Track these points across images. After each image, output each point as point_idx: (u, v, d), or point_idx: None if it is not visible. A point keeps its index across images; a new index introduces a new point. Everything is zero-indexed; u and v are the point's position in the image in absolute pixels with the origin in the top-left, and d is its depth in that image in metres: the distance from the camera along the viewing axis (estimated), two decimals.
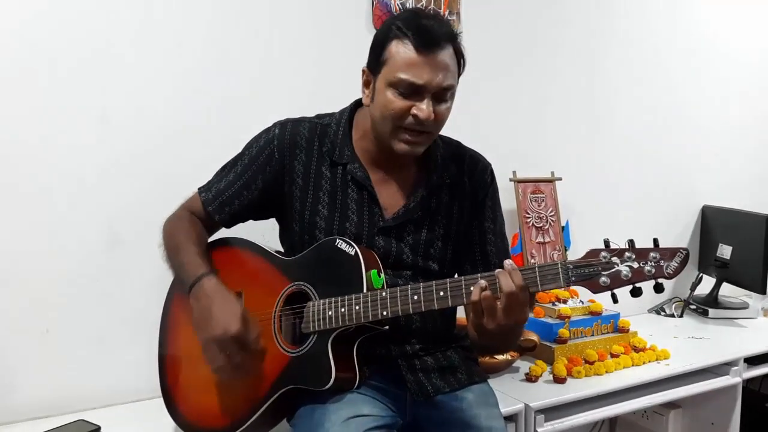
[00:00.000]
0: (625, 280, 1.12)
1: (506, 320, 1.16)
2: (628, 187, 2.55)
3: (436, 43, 1.24)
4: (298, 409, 1.32)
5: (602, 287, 1.13)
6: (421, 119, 1.26)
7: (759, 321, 2.44)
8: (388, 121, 1.28)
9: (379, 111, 1.29)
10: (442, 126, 1.34)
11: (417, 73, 1.24)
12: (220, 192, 1.42)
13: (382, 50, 1.27)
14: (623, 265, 1.13)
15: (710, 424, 2.13)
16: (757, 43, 2.86)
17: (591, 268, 1.13)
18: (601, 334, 2.01)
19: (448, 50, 1.27)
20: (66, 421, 1.53)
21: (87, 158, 1.63)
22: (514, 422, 1.63)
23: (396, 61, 1.25)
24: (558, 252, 2.20)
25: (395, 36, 1.26)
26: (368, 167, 1.38)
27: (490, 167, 1.49)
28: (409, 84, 1.24)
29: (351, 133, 1.40)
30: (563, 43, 2.37)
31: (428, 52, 1.24)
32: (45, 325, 1.61)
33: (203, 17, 1.75)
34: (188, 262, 1.34)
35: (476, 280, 1.18)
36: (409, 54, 1.24)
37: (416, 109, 1.26)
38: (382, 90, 1.28)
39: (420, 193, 1.39)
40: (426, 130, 1.30)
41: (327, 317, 1.26)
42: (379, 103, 1.29)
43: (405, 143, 1.30)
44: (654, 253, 1.12)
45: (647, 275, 1.12)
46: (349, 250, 1.28)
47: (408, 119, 1.27)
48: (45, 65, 1.58)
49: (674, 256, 1.12)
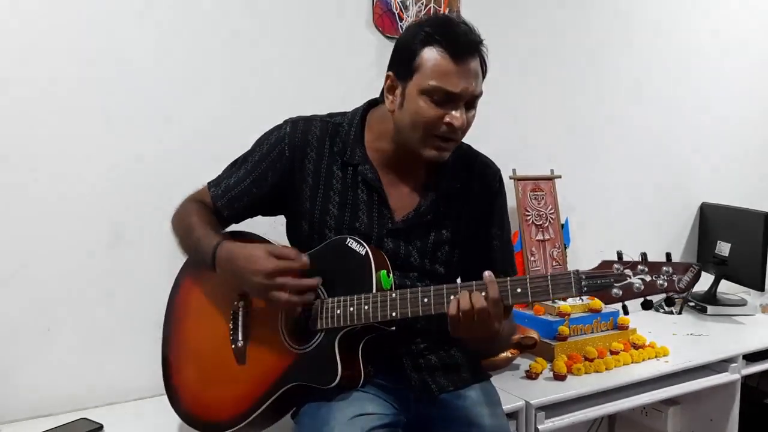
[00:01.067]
0: (637, 293, 1.13)
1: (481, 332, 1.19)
2: (627, 185, 2.56)
3: (470, 51, 1.25)
4: (303, 407, 1.32)
5: (614, 299, 1.14)
6: (456, 127, 1.26)
7: (757, 318, 2.44)
8: (419, 128, 1.28)
9: (410, 118, 1.28)
10: (467, 132, 1.34)
11: (453, 82, 1.24)
12: (229, 188, 1.42)
13: (413, 57, 1.26)
14: (636, 278, 1.13)
15: (709, 420, 2.14)
16: (756, 39, 2.86)
17: (603, 280, 1.14)
18: (600, 332, 2.02)
19: (477, 59, 1.28)
20: (68, 420, 1.53)
21: (88, 157, 1.63)
22: (515, 419, 1.64)
23: (429, 69, 1.24)
24: (558, 250, 2.21)
25: (427, 43, 1.25)
26: (379, 169, 1.38)
27: (499, 173, 1.49)
28: (445, 92, 1.24)
29: (363, 134, 1.40)
30: (563, 41, 2.37)
31: (462, 60, 1.24)
32: (46, 324, 1.61)
33: (206, 16, 1.75)
34: (203, 236, 1.34)
35: (483, 286, 1.19)
36: (443, 62, 1.24)
37: (450, 117, 1.26)
38: (414, 97, 1.27)
39: (430, 197, 1.39)
40: (456, 138, 1.31)
41: (335, 316, 1.27)
42: (410, 111, 1.28)
43: (435, 150, 1.30)
44: (667, 267, 1.12)
45: (659, 289, 1.13)
46: (359, 249, 1.29)
47: (441, 127, 1.27)
48: (47, 65, 1.58)
49: (687, 271, 1.12)
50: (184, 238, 1.40)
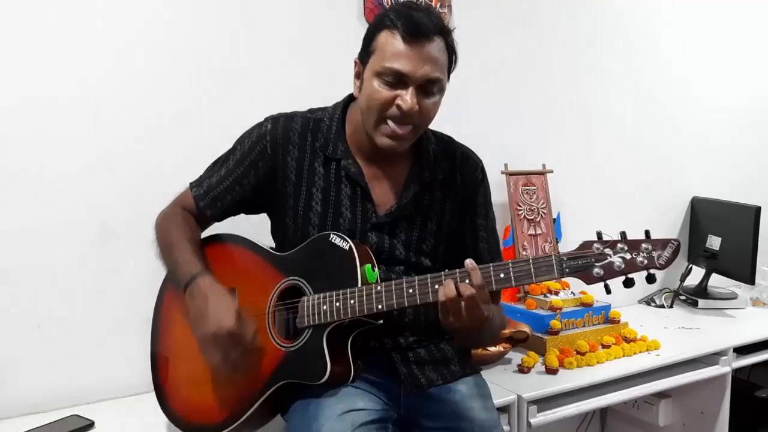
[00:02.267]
0: (618, 271, 1.14)
1: (469, 319, 1.19)
2: (618, 179, 2.56)
3: (424, 33, 1.24)
4: (293, 404, 1.32)
5: (596, 278, 1.15)
6: (404, 110, 1.25)
7: (748, 311, 2.46)
8: (373, 111, 1.28)
9: (365, 101, 1.29)
10: (428, 121, 1.33)
11: (402, 63, 1.23)
12: (211, 187, 1.41)
13: (372, 40, 1.28)
14: (616, 257, 1.14)
15: (700, 413, 2.15)
16: (747, 33, 2.87)
17: (584, 260, 1.15)
18: (592, 325, 2.02)
19: (437, 43, 1.26)
20: (59, 416, 1.53)
21: (78, 153, 1.62)
22: (507, 413, 1.64)
23: (383, 50, 1.25)
24: (550, 244, 2.21)
25: (385, 26, 1.26)
26: (362, 163, 1.38)
27: (481, 164, 1.49)
28: (394, 72, 1.24)
29: (344, 128, 1.39)
30: (555, 36, 2.37)
31: (415, 42, 1.23)
32: (37, 321, 1.60)
33: (195, 11, 1.74)
34: (183, 260, 1.33)
35: (465, 273, 1.19)
36: (396, 43, 1.24)
37: (400, 99, 1.25)
38: (369, 79, 1.27)
39: (412, 190, 1.39)
40: (410, 123, 1.28)
41: (322, 312, 1.27)
42: (365, 93, 1.29)
43: (388, 137, 1.29)
44: (646, 244, 1.13)
45: (639, 266, 1.13)
46: (343, 244, 1.28)
47: (392, 109, 1.27)
48: (32, 59, 1.56)
49: (666, 247, 1.13)
50: (165, 254, 1.39)
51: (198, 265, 1.32)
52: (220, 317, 1.24)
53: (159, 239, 1.41)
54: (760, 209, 2.40)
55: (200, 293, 1.28)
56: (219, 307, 1.25)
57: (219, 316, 1.24)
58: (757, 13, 2.90)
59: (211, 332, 1.24)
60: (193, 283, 1.30)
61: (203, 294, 1.28)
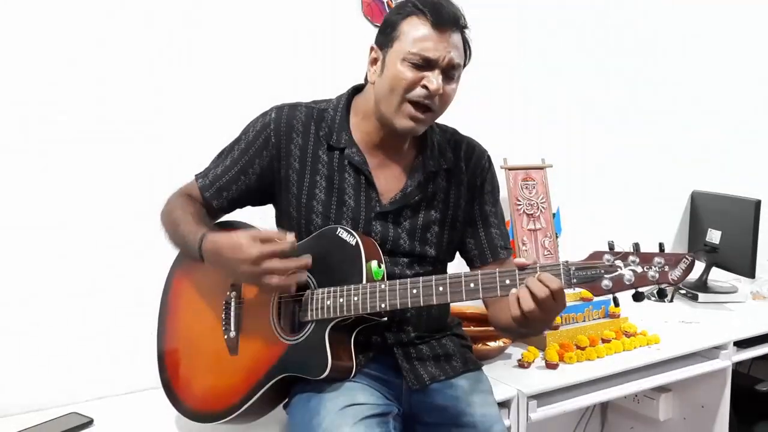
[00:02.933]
0: (628, 285, 1.11)
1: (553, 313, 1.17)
2: (618, 173, 2.56)
3: (451, 23, 1.28)
4: (294, 397, 1.32)
5: (604, 290, 1.12)
6: (431, 90, 1.27)
7: (748, 305, 2.45)
8: (397, 92, 1.28)
9: (389, 83, 1.29)
10: (445, 107, 1.34)
11: (431, 47, 1.26)
12: (217, 177, 1.41)
13: (395, 26, 1.29)
14: (627, 269, 1.11)
15: (700, 407, 2.15)
16: (748, 27, 2.86)
17: (593, 271, 1.12)
18: (592, 320, 2.02)
19: (458, 34, 1.30)
20: (58, 414, 1.52)
21: (76, 151, 1.62)
22: (507, 408, 1.64)
23: (411, 35, 1.27)
24: (549, 239, 2.20)
25: (411, 12, 1.28)
26: (366, 152, 1.38)
27: (487, 153, 1.50)
28: (423, 57, 1.26)
29: (348, 118, 1.40)
30: (554, 29, 2.36)
31: (443, 29, 1.27)
32: (34, 318, 1.59)
33: (195, 5, 1.73)
34: (188, 230, 1.34)
35: (476, 276, 1.19)
36: (423, 29, 1.26)
37: (426, 81, 1.27)
38: (394, 63, 1.28)
39: (417, 178, 1.39)
40: (432, 106, 1.30)
41: (325, 306, 1.26)
42: (389, 76, 1.29)
43: (410, 118, 1.30)
44: (659, 258, 1.10)
45: (651, 280, 1.10)
46: (350, 239, 1.28)
47: (417, 90, 1.28)
48: (33, 60, 1.56)
49: (679, 263, 1.09)
50: (172, 234, 1.39)
51: (202, 228, 1.33)
52: (240, 253, 1.22)
53: (165, 223, 1.41)
54: (760, 203, 2.39)
55: (213, 250, 1.28)
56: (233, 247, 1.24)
57: (239, 253, 1.22)
58: (757, 12, 2.89)
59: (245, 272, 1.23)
60: (203, 243, 1.29)
61: (218, 245, 1.27)
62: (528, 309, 1.12)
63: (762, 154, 2.97)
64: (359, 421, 1.21)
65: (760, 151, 2.96)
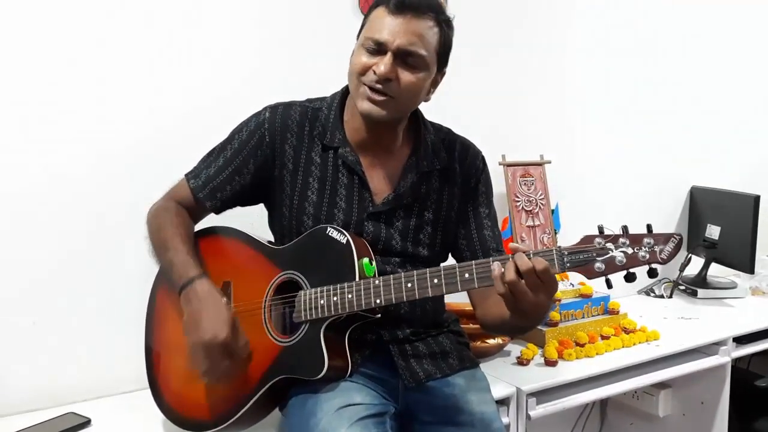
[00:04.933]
0: (620, 266, 1.13)
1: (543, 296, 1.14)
2: (617, 169, 2.55)
3: (411, 7, 1.26)
4: (290, 399, 1.31)
5: (597, 273, 1.14)
6: (378, 73, 1.25)
7: (747, 300, 2.45)
8: (353, 77, 1.30)
9: (350, 69, 1.32)
10: (408, 94, 1.31)
11: (383, 30, 1.26)
12: (210, 178, 1.40)
13: (367, 17, 1.31)
14: (618, 251, 1.13)
15: (700, 403, 2.15)
16: (747, 24, 2.85)
17: (586, 254, 1.14)
18: (591, 317, 2.02)
19: (425, 21, 1.27)
20: (55, 414, 1.51)
21: (72, 150, 1.60)
22: (506, 406, 1.64)
23: (371, 23, 1.29)
24: (548, 235, 2.20)
25: (380, 3, 1.29)
26: (359, 151, 1.37)
27: (481, 154, 1.49)
28: (373, 40, 1.26)
29: (342, 117, 1.39)
30: (553, 24, 2.35)
31: (399, 14, 1.26)
32: (32, 318, 1.59)
33: (188, 4, 1.71)
34: (178, 262, 1.32)
35: (471, 266, 1.18)
36: (381, 15, 1.27)
37: (375, 66, 1.26)
38: (355, 51, 1.31)
39: (410, 179, 1.38)
40: (387, 91, 1.28)
41: (319, 306, 1.26)
42: (351, 63, 1.31)
43: (367, 100, 1.29)
44: (648, 239, 1.13)
45: (641, 260, 1.13)
46: (340, 238, 1.27)
47: (368, 75, 1.28)
48: (33, 60, 1.55)
49: (668, 242, 1.13)
50: (158, 251, 1.38)
51: (194, 268, 1.31)
52: (215, 327, 1.23)
53: (152, 236, 1.39)
54: (759, 198, 2.39)
55: (196, 299, 1.27)
56: (215, 316, 1.24)
57: (214, 326, 1.23)
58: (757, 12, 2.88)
59: (204, 341, 1.24)
60: (190, 287, 1.28)
61: (199, 300, 1.26)
62: (509, 279, 1.11)
63: (761, 150, 2.96)
64: (356, 422, 1.20)
65: (759, 147, 2.95)
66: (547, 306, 1.18)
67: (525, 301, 1.13)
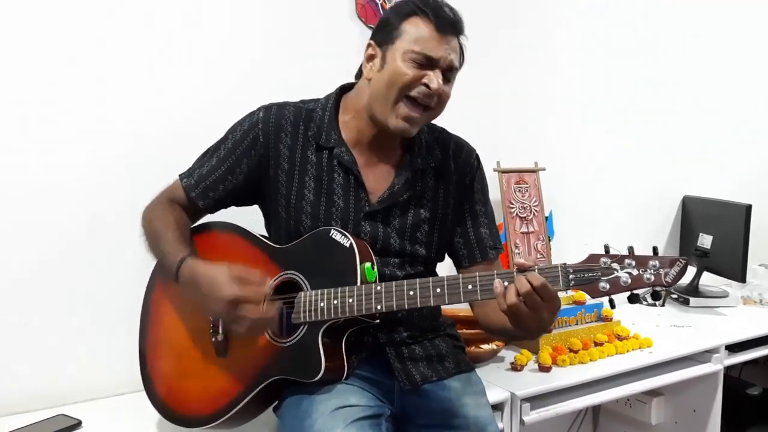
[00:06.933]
0: (624, 287, 1.14)
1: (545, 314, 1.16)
2: (610, 177, 2.56)
3: (452, 28, 1.30)
4: (285, 399, 1.31)
5: (601, 292, 1.15)
6: (432, 89, 1.28)
7: (739, 309, 2.46)
8: (395, 89, 1.29)
9: (388, 77, 1.29)
10: (442, 108, 1.35)
11: (434, 47, 1.28)
12: (203, 177, 1.40)
13: (397, 24, 1.30)
14: (623, 272, 1.14)
15: (692, 411, 2.15)
16: (741, 32, 2.88)
17: (591, 273, 1.14)
18: (585, 323, 2.02)
19: (456, 39, 1.32)
20: (46, 416, 1.50)
21: (67, 149, 1.60)
22: (500, 411, 1.63)
23: (414, 34, 1.28)
24: (542, 242, 2.21)
25: (414, 12, 1.29)
26: (355, 151, 1.37)
27: (475, 152, 1.50)
28: (426, 56, 1.27)
29: (337, 117, 1.39)
30: (546, 31, 2.37)
31: (445, 33, 1.29)
32: (24, 319, 1.58)
33: (188, 8, 1.72)
34: (168, 250, 1.32)
35: (474, 278, 1.19)
36: (427, 30, 1.28)
37: (427, 79, 1.28)
38: (395, 60, 1.29)
39: (404, 176, 1.39)
40: (430, 104, 1.30)
41: (318, 309, 1.25)
42: (389, 71, 1.29)
43: (404, 119, 1.30)
44: (653, 261, 1.13)
45: (646, 282, 1.13)
46: (344, 241, 1.27)
47: (418, 88, 1.28)
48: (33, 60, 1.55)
49: (673, 265, 1.13)
50: (152, 245, 1.37)
51: (183, 249, 1.30)
52: (217, 293, 1.21)
53: (146, 231, 1.39)
54: (750, 207, 2.41)
55: (190, 279, 1.26)
56: (212, 284, 1.22)
57: (216, 293, 1.21)
58: (755, 13, 2.91)
59: (219, 312, 1.23)
60: (180, 270, 1.28)
61: (193, 277, 1.26)
62: (510, 302, 1.14)
63: (753, 158, 2.98)
64: (351, 423, 1.20)
65: (751, 156, 2.98)
66: (549, 322, 1.19)
67: (527, 320, 1.15)
